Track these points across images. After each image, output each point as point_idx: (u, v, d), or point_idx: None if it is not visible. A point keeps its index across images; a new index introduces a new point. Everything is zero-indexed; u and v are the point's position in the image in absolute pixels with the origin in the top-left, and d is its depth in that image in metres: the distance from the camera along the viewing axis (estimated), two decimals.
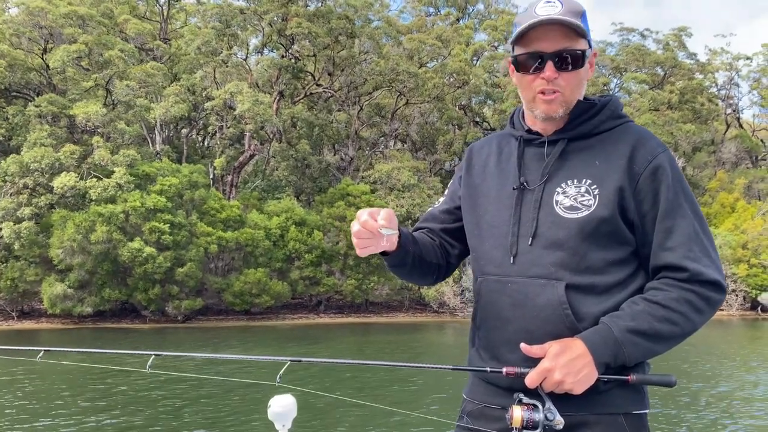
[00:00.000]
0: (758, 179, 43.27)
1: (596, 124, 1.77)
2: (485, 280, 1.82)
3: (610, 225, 1.69)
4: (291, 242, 29.81)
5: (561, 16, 1.67)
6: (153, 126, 32.01)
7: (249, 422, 10.46)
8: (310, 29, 31.72)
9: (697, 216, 1.73)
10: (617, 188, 1.69)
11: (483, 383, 1.83)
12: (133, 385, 13.24)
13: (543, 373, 1.62)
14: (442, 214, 2.02)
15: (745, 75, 53.95)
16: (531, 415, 1.62)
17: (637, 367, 1.71)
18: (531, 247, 1.73)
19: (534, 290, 1.71)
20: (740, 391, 13.71)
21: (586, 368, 1.61)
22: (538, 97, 1.74)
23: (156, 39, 35.14)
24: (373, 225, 1.66)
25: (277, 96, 33.79)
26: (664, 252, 1.69)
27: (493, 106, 39.73)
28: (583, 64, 1.73)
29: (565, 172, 1.75)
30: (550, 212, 1.73)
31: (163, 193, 27.11)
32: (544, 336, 1.67)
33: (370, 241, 1.69)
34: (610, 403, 1.68)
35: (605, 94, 1.90)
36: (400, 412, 10.14)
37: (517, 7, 49.93)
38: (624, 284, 1.72)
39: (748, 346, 23.22)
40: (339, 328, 28.31)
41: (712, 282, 1.67)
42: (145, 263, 25.94)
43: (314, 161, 35.27)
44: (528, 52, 1.72)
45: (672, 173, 1.71)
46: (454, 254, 2.01)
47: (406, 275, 1.94)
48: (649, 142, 1.74)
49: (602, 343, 1.63)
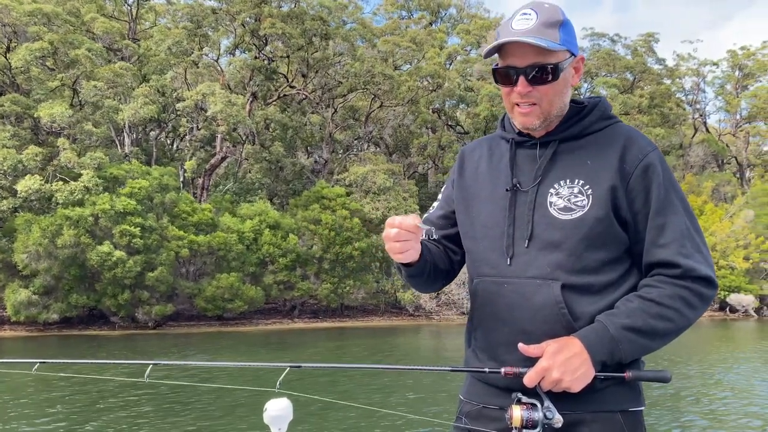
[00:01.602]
0: (724, 182, 44.20)
1: (586, 125, 1.80)
2: (481, 281, 1.83)
3: (604, 224, 1.71)
4: (265, 246, 29.30)
5: (528, 36, 1.68)
6: (122, 128, 31.20)
7: (244, 428, 10.18)
8: (284, 30, 31.31)
9: (688, 213, 1.75)
10: (610, 187, 1.70)
11: (481, 384, 1.84)
12: (126, 394, 12.95)
13: (541, 372, 1.64)
14: (440, 219, 2.02)
15: (710, 81, 55.24)
16: (530, 414, 1.63)
17: (633, 364, 1.72)
18: (527, 249, 1.75)
19: (531, 291, 1.73)
20: (714, 389, 13.77)
21: (584, 366, 1.63)
22: (515, 109, 1.78)
23: (125, 39, 34.30)
24: (410, 223, 1.68)
25: (250, 97, 33.27)
26: (657, 249, 1.71)
27: (466, 110, 39.77)
28: (557, 77, 1.73)
29: (557, 173, 1.77)
30: (545, 214, 1.75)
31: (133, 195, 26.39)
32: (541, 336, 1.70)
33: (409, 243, 1.71)
34: (607, 401, 1.71)
35: (594, 96, 1.91)
36: (396, 414, 10.14)
37: (489, 12, 50.28)
38: (618, 283, 1.74)
39: (722, 347, 23.51)
40: (314, 332, 27.90)
41: (704, 278, 1.70)
42: (115, 267, 25.19)
43: (288, 163, 34.80)
44: (502, 66, 1.76)
45: (662, 171, 1.74)
46: (456, 260, 2.02)
47: (422, 284, 1.96)
48: (639, 141, 1.76)
49: (598, 341, 1.65)
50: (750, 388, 14.26)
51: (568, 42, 1.74)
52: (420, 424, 10.03)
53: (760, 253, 36.24)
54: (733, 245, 36.12)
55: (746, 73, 54.78)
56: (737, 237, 36.31)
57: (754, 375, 16.34)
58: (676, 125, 47.51)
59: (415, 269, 1.85)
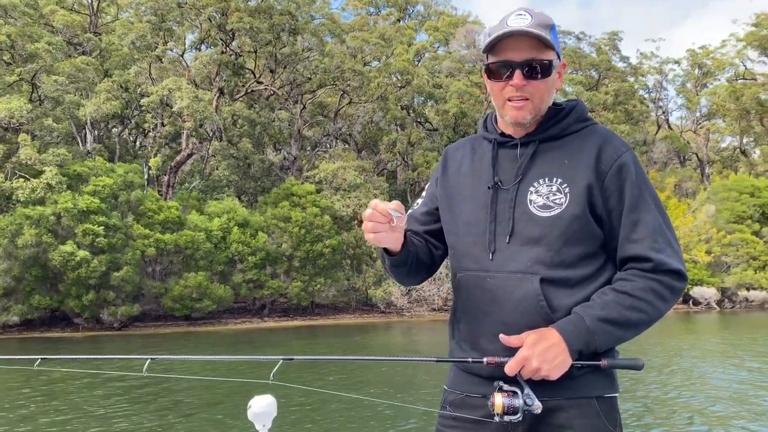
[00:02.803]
0: (686, 178, 45.22)
1: (564, 127, 1.88)
2: (465, 275, 1.90)
3: (581, 221, 1.79)
4: (233, 244, 28.83)
5: (530, 28, 1.77)
6: (83, 124, 30.32)
7: (230, 425, 10.08)
8: (252, 24, 30.80)
9: (660, 210, 1.83)
10: (586, 186, 1.79)
11: (464, 374, 1.92)
12: (120, 387, 12.94)
13: (521, 361, 1.72)
14: (423, 216, 2.08)
15: (671, 79, 56.44)
16: (511, 401, 1.72)
17: (608, 353, 1.81)
18: (508, 245, 1.83)
19: (511, 284, 1.80)
20: (675, 376, 14.03)
21: (561, 355, 1.72)
22: (507, 104, 1.84)
23: (86, 32, 33.34)
24: (384, 207, 1.74)
25: (216, 93, 32.68)
26: (630, 244, 1.79)
27: (435, 107, 39.78)
28: (550, 74, 1.83)
29: (537, 172, 1.84)
30: (525, 211, 1.82)
31: (97, 193, 25.67)
32: (521, 327, 1.78)
33: (381, 226, 1.76)
34: (583, 388, 1.79)
35: (571, 99, 1.99)
36: (385, 403, 10.31)
37: (456, 9, 50.43)
38: (594, 276, 1.82)
39: (684, 338, 24.01)
40: (284, 331, 27.58)
41: (675, 271, 1.78)
42: (78, 267, 24.46)
43: (257, 160, 34.30)
44: (498, 61, 1.83)
45: (636, 170, 1.82)
46: (438, 255, 2.08)
47: (403, 275, 2.01)
48: (614, 142, 1.85)
49: (575, 331, 1.73)
50: (706, 374, 14.71)
51: (557, 45, 1.85)
52: (409, 414, 10.13)
53: (721, 247, 37.14)
54: (695, 239, 36.95)
55: (705, 71, 56.14)
56: (699, 231, 37.18)
57: (713, 364, 16.69)
58: (640, 122, 48.44)
59: (398, 259, 1.91)
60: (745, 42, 52.29)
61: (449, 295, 32.06)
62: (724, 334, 26.15)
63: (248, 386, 12.22)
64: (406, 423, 9.97)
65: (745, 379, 14.06)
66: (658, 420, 10.20)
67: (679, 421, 10.12)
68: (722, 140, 60.33)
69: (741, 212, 38.40)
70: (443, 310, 32.02)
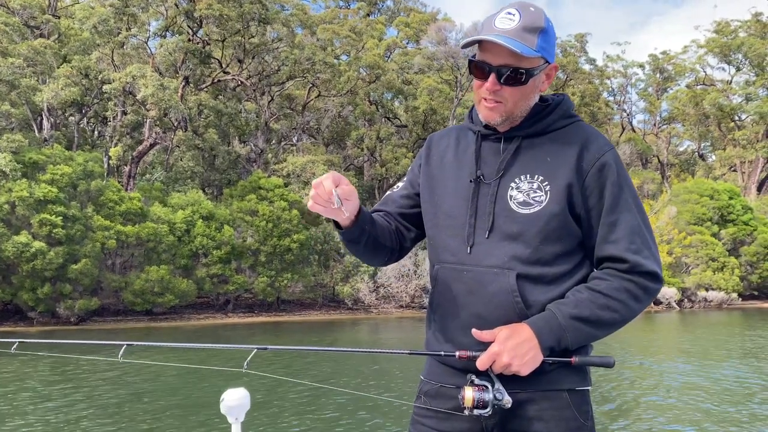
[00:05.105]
0: (649, 180, 46.05)
1: (549, 123, 1.86)
2: (442, 267, 1.90)
3: (560, 220, 1.78)
4: (198, 238, 28.03)
5: (508, 36, 1.72)
6: (40, 110, 29.05)
7: (203, 415, 9.73)
8: (221, 11, 29.99)
9: (640, 211, 1.82)
10: (567, 184, 1.78)
11: (439, 365, 1.92)
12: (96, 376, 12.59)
13: (492, 356, 1.73)
14: (401, 198, 2.07)
15: (634, 83, 57.51)
16: (481, 395, 1.72)
17: (580, 349, 1.82)
18: (487, 240, 1.82)
19: (488, 279, 1.80)
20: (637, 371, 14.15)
21: (532, 351, 1.72)
22: (482, 102, 1.83)
23: (44, 14, 31.97)
24: (328, 189, 1.72)
25: (182, 82, 31.74)
26: (607, 244, 1.79)
27: (405, 103, 39.55)
28: (526, 82, 1.78)
29: (519, 168, 1.83)
30: (505, 207, 1.81)
31: (55, 182, 24.58)
32: (495, 321, 1.78)
33: (323, 201, 1.74)
34: (554, 381, 1.80)
35: (558, 93, 1.95)
36: (365, 396, 10.26)
37: (426, 6, 50.24)
38: (570, 274, 1.83)
39: (645, 336, 24.34)
40: (249, 327, 26.97)
41: (650, 273, 1.78)
42: (34, 259, 23.38)
43: (223, 152, 33.48)
44: (478, 60, 1.80)
45: (617, 170, 1.80)
46: (410, 238, 2.07)
47: (360, 252, 1.99)
48: (597, 141, 1.83)
49: (547, 328, 1.74)
50: (667, 370, 14.90)
51: (544, 50, 1.78)
52: (386, 405, 10.00)
53: (682, 248, 37.91)
54: (657, 240, 37.50)
55: (666, 76, 57.40)
56: (662, 233, 37.84)
57: (676, 362, 16.92)
58: (604, 124, 49.13)
59: (348, 234, 1.89)
60: (706, 48, 53.62)
61: (417, 292, 31.86)
62: (682, 332, 26.66)
63: (224, 375, 11.90)
64: (368, 413, 9.86)
65: (691, 372, 14.54)
66: (623, 415, 10.19)
67: (646, 417, 10.10)
68: (681, 144, 61.87)
69: (701, 214, 39.24)
70: (411, 307, 31.81)
